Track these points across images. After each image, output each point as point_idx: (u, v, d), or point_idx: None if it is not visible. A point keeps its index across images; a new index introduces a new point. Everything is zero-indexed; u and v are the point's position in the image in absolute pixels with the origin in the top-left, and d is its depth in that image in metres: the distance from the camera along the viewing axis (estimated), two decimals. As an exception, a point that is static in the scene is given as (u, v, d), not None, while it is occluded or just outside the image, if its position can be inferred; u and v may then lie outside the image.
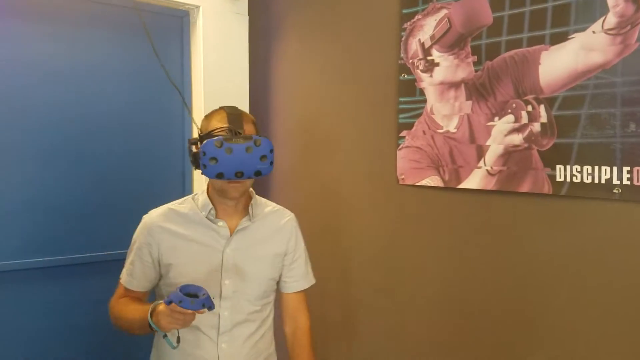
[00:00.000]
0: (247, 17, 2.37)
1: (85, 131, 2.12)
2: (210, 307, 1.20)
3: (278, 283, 1.57)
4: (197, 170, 1.39)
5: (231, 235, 1.46)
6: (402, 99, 1.82)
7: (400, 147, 1.82)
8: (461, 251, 1.67)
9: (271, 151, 1.35)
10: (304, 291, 1.61)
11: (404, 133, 1.81)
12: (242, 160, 1.31)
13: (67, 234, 2.09)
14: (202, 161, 1.29)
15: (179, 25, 2.31)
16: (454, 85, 1.66)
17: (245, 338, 1.45)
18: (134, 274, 1.48)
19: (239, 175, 1.32)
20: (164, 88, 2.24)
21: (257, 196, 1.57)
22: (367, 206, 1.97)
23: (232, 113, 1.41)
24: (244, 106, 2.35)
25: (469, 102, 1.62)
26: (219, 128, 1.38)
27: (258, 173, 1.34)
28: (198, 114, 2.24)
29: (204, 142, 1.29)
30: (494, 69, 1.56)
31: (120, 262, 1.55)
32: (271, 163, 1.35)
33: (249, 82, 2.39)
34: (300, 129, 2.26)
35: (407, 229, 1.83)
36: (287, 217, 1.59)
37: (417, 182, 1.77)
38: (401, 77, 1.82)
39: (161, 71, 2.23)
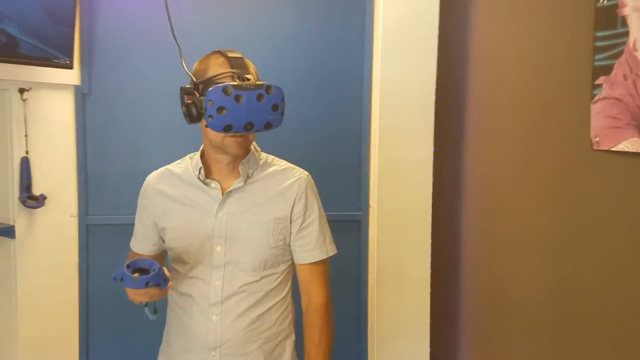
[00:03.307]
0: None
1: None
2: (160, 284, 1.15)
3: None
4: (192, 123, 1.29)
5: (223, 197, 1.33)
6: (598, 34, 1.35)
7: (595, 99, 1.37)
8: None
9: (282, 99, 1.19)
10: (321, 262, 1.40)
11: (600, 80, 1.35)
12: (253, 110, 1.16)
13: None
14: (208, 112, 1.14)
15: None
16: (667, 5, 1.15)
17: (240, 312, 1.32)
18: (137, 236, 1.47)
19: (249, 127, 1.17)
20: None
21: (263, 153, 1.40)
22: (551, 180, 1.57)
23: (234, 57, 1.25)
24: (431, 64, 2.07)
25: (686, 29, 1.10)
26: (222, 74, 1.22)
27: (268, 125, 1.19)
28: (376, 73, 2.05)
29: (210, 89, 1.15)
30: None
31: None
32: (282, 114, 1.20)
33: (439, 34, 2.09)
34: (486, 83, 1.92)
35: (602, 209, 1.39)
36: (294, 178, 1.38)
37: (613, 147, 1.31)
38: (599, 4, 1.35)
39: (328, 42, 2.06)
